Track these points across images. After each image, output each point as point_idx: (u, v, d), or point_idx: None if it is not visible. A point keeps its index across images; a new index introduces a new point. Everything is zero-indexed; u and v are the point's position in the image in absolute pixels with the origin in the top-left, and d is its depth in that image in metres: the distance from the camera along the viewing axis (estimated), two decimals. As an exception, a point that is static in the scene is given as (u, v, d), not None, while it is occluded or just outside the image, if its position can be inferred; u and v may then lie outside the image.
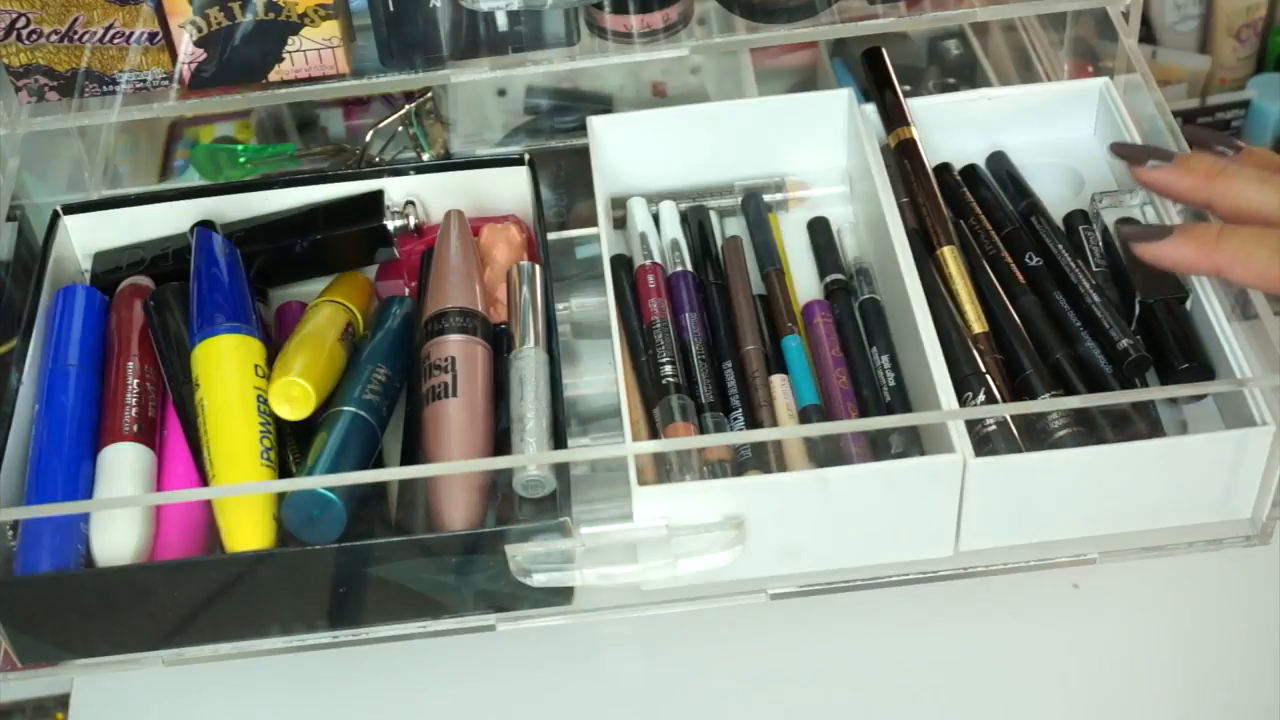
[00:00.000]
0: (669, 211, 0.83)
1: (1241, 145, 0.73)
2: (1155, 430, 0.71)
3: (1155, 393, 0.71)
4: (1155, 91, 0.81)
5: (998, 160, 0.85)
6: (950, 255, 0.77)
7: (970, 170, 0.84)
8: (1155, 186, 0.75)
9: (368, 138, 0.91)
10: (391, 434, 0.74)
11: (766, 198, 0.84)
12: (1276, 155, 0.72)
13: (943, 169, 0.83)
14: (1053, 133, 0.86)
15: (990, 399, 0.71)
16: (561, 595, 0.69)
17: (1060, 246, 0.78)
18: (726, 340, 0.77)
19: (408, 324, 0.77)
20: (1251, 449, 0.68)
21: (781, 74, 1.05)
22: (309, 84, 0.82)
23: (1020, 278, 0.77)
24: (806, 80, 1.04)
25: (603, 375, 0.78)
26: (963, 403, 0.70)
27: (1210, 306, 0.72)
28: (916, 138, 0.82)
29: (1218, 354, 0.72)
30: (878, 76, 0.85)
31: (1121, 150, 0.77)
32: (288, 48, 0.80)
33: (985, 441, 0.69)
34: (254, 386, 0.71)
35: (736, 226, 0.84)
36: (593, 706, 0.78)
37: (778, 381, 0.75)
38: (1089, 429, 0.69)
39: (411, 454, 0.72)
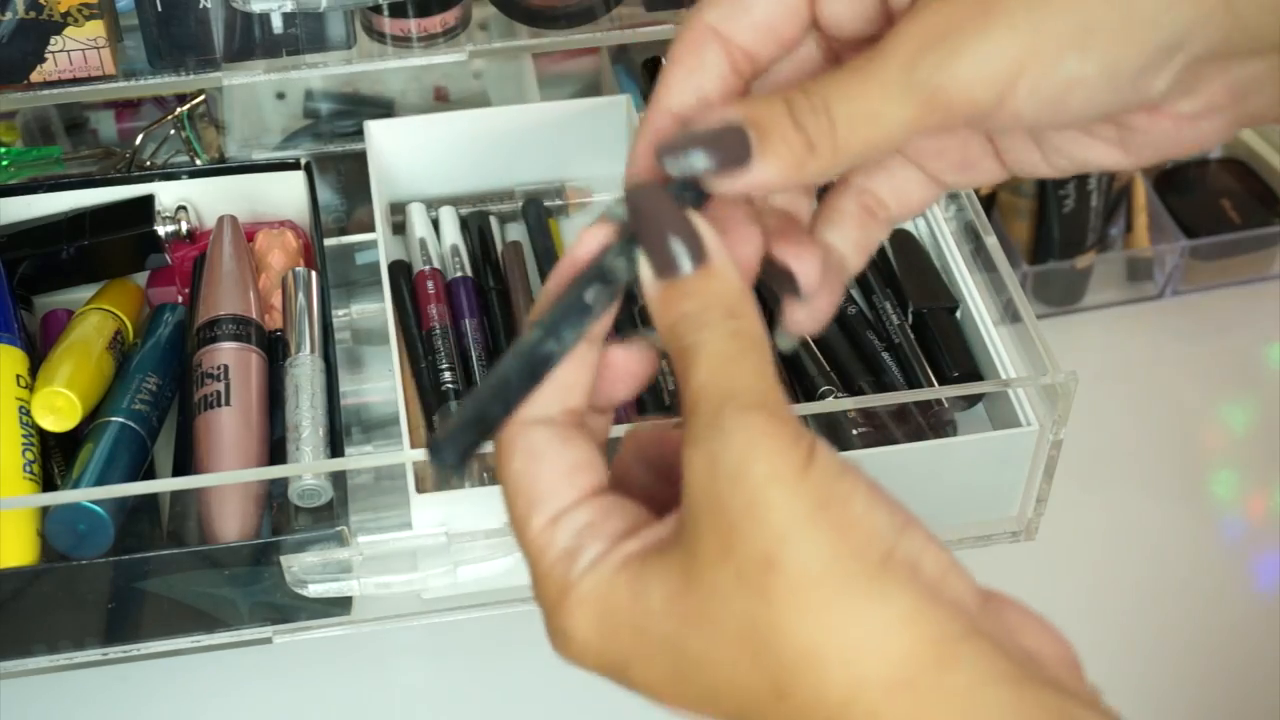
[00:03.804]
0: (449, 217, 0.82)
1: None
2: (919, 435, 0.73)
3: (928, 393, 0.72)
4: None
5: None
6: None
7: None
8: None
9: (138, 141, 0.88)
10: (164, 444, 0.72)
11: (547, 203, 0.84)
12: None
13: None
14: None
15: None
16: (340, 605, 0.68)
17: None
18: (507, 346, 0.77)
19: (180, 332, 0.75)
20: (1017, 449, 0.70)
21: (566, 80, 1.05)
22: (74, 85, 0.80)
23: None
24: (590, 86, 1.04)
25: (386, 382, 0.78)
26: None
27: (979, 314, 0.75)
28: (695, 145, 0.83)
29: (986, 360, 0.74)
30: (657, 84, 0.86)
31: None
32: (50, 48, 0.78)
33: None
34: (16, 397, 0.69)
35: (517, 232, 0.84)
36: (375, 718, 0.77)
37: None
38: (883, 430, 0.71)
39: (183, 464, 0.70)
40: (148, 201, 0.80)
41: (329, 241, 0.80)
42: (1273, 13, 0.40)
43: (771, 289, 0.46)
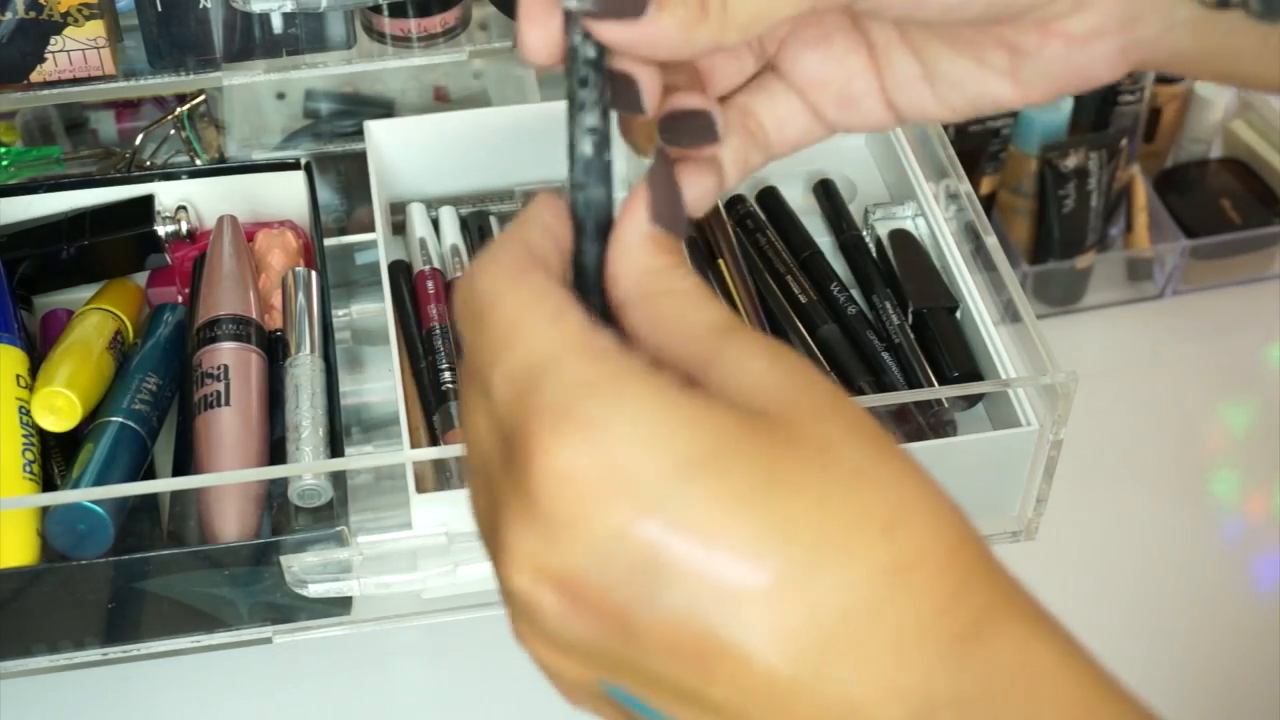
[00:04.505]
0: (449, 216, 0.82)
1: None
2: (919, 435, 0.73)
3: (928, 393, 0.72)
4: (925, 101, 0.83)
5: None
6: (728, 265, 0.78)
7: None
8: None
9: (138, 141, 0.88)
10: (164, 444, 0.72)
11: (547, 203, 0.84)
12: None
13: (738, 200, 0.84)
14: (827, 141, 0.87)
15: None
16: (340, 605, 0.68)
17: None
18: (507, 346, 0.77)
19: (180, 332, 0.75)
20: (1017, 449, 0.70)
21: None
22: (74, 85, 0.80)
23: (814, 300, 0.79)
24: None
25: (386, 382, 0.78)
26: (740, 406, 0.71)
27: (979, 314, 0.75)
28: (696, 145, 0.82)
29: (986, 360, 0.74)
30: (658, 84, 0.86)
31: None
32: (50, 48, 0.78)
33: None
34: (15, 397, 0.69)
35: (517, 232, 0.84)
36: (375, 718, 0.77)
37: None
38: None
39: (183, 464, 0.70)
40: (148, 201, 0.80)
41: (329, 241, 0.79)
42: None
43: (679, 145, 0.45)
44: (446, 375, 0.73)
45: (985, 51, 0.45)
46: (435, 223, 0.82)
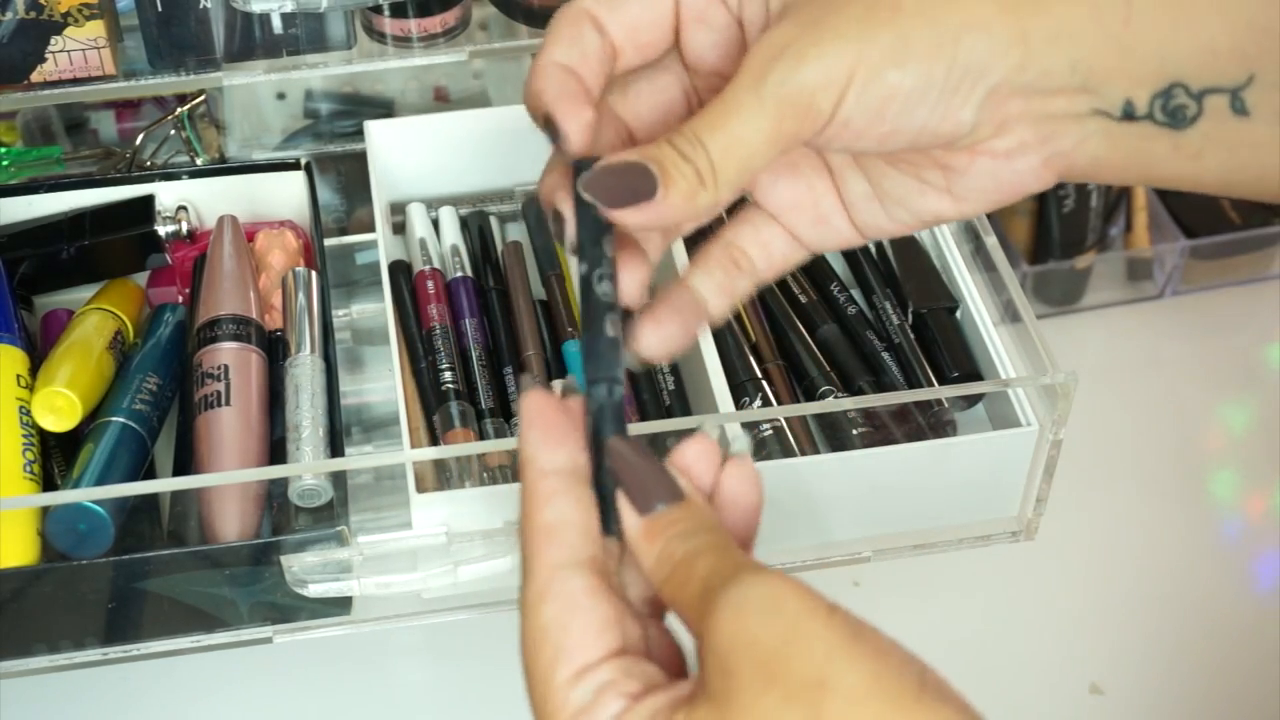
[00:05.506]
0: (449, 216, 0.82)
1: None
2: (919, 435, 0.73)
3: (928, 393, 0.72)
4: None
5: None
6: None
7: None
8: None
9: (138, 141, 0.88)
10: (164, 444, 0.72)
11: (547, 203, 0.84)
12: None
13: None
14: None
15: (766, 404, 0.72)
16: (340, 605, 0.68)
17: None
18: (507, 345, 0.77)
19: (180, 332, 0.75)
20: (1017, 449, 0.70)
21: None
22: (74, 85, 0.80)
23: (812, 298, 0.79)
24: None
25: (386, 382, 0.78)
26: (739, 407, 0.71)
27: (979, 314, 0.75)
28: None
29: (986, 360, 0.74)
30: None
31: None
32: (50, 48, 0.78)
33: (763, 445, 0.70)
34: (16, 397, 0.69)
35: (517, 232, 0.84)
36: (375, 718, 0.77)
37: (559, 387, 0.74)
38: (883, 430, 0.71)
39: (184, 464, 0.70)
40: (148, 201, 0.80)
41: (329, 241, 0.79)
42: (1062, 52, 0.45)
43: None
44: (446, 375, 0.73)
45: (923, 171, 0.49)
46: (435, 223, 0.82)
